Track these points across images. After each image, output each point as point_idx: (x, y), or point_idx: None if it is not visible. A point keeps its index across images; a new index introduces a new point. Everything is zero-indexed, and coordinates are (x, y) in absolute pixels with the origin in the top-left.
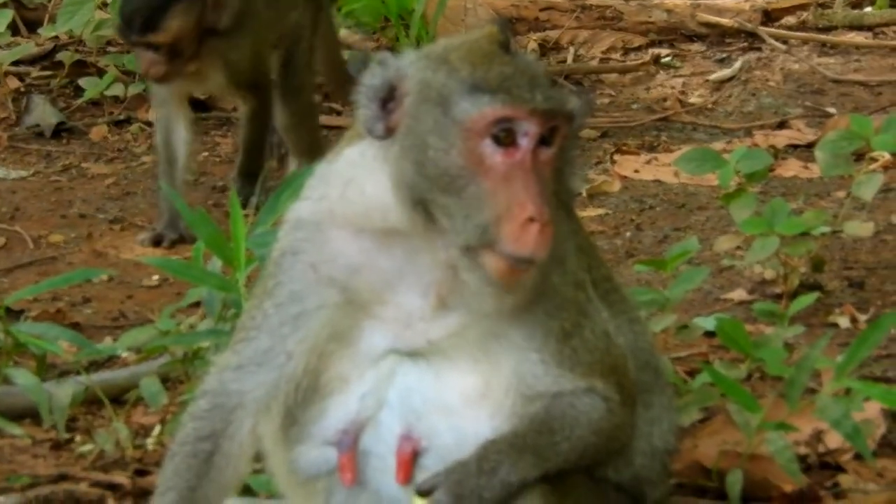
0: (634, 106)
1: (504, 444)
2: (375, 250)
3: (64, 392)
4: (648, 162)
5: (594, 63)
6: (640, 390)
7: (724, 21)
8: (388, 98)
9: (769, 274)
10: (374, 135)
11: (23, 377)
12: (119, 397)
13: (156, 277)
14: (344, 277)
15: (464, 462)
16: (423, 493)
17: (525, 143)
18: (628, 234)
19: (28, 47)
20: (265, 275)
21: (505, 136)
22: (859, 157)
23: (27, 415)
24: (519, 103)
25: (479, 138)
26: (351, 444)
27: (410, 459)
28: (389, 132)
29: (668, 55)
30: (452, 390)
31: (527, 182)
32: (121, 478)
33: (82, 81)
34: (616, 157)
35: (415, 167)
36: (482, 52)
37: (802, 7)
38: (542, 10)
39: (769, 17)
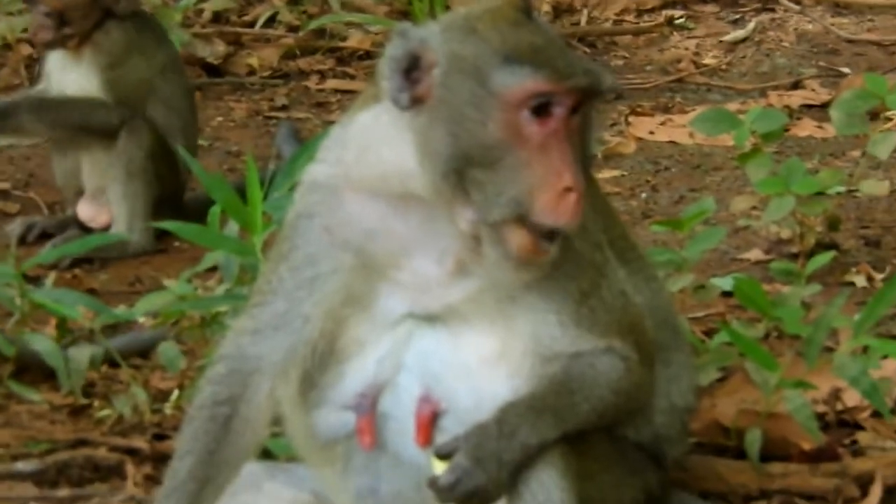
0: (648, 67)
1: (523, 406)
2: (391, 215)
3: (82, 356)
4: (663, 123)
5: (608, 25)
6: (658, 348)
7: None
8: (412, 69)
9: (785, 233)
10: (399, 105)
11: (41, 342)
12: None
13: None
14: (359, 241)
15: (483, 425)
16: (443, 456)
17: (560, 112)
18: (644, 195)
19: None
20: (280, 238)
21: (541, 108)
22: (874, 116)
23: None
24: (559, 78)
25: (516, 110)
26: (369, 407)
27: (430, 421)
28: (415, 102)
29: (681, 16)
30: (470, 352)
31: (562, 151)
32: (139, 442)
33: None
34: (631, 118)
35: (450, 138)
36: (508, 20)
37: None
38: None
39: None
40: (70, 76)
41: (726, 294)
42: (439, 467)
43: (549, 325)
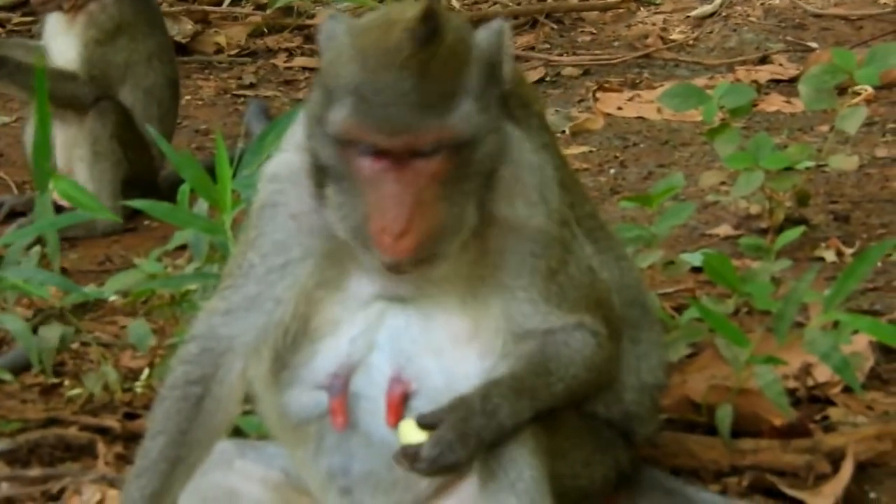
0: (616, 43)
1: (505, 386)
2: None
3: (51, 335)
4: (631, 99)
5: (574, 1)
6: (627, 326)
7: None
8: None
9: (754, 209)
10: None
11: (11, 322)
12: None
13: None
14: (326, 227)
15: (467, 401)
16: (425, 426)
17: (384, 158)
18: (612, 170)
19: None
20: (248, 225)
21: (367, 147)
22: (842, 91)
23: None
24: (364, 128)
25: (342, 145)
26: (342, 387)
27: (400, 402)
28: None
29: None
30: (441, 332)
31: (392, 193)
32: (110, 421)
33: None
34: (598, 94)
35: (307, 144)
36: (381, 46)
37: None
38: None
39: None
40: (60, 41)
41: (696, 270)
42: (409, 437)
43: (519, 302)
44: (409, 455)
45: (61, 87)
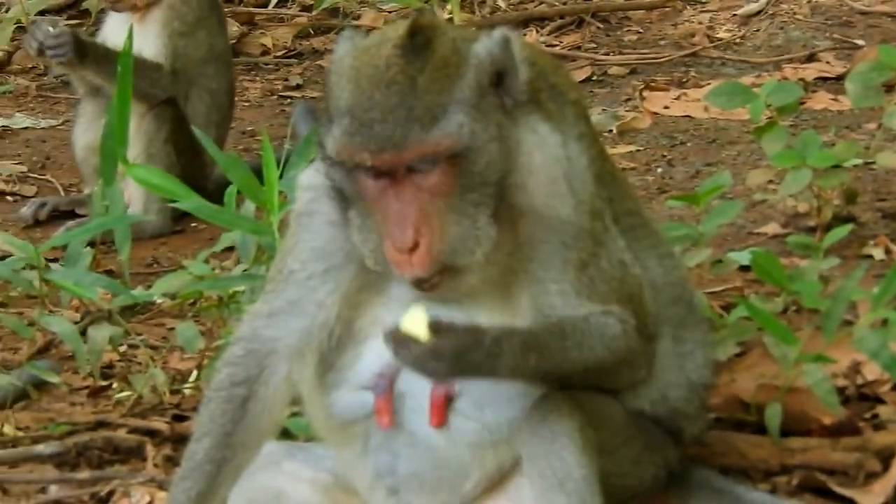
0: (662, 42)
1: (517, 340)
2: None
3: (100, 337)
4: (678, 98)
5: (621, 0)
6: (671, 324)
7: None
8: None
9: (802, 207)
10: None
11: (58, 324)
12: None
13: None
14: None
15: (479, 334)
16: (433, 330)
17: (382, 176)
18: (660, 169)
19: None
20: (287, 231)
21: (361, 168)
22: (889, 88)
23: None
24: (354, 148)
25: (342, 166)
26: (387, 387)
27: (444, 403)
28: None
29: None
30: None
31: (395, 210)
32: (159, 424)
33: None
34: (645, 93)
35: (324, 169)
36: (372, 64)
37: None
38: None
39: None
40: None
41: (744, 268)
42: (411, 326)
43: (549, 294)
44: (401, 341)
45: (143, 77)
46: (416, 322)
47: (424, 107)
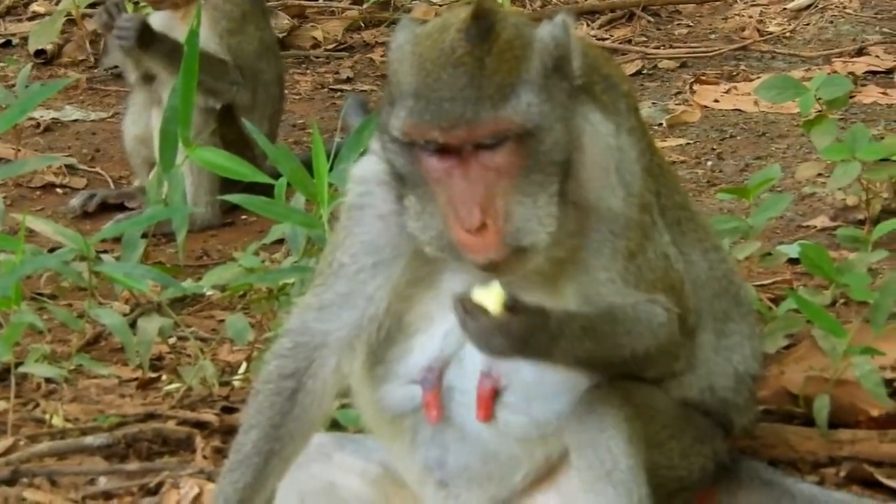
0: (712, 36)
1: (578, 323)
2: None
3: (150, 329)
4: (728, 91)
5: None
6: (715, 318)
7: None
8: None
9: (851, 200)
10: None
11: (107, 316)
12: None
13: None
14: None
15: (546, 316)
16: (507, 307)
17: (449, 155)
18: (709, 163)
19: None
20: (338, 225)
21: (430, 146)
22: None
23: None
24: (422, 126)
25: (407, 148)
26: (435, 381)
27: (491, 397)
28: None
29: None
30: None
31: (461, 190)
32: (208, 415)
33: None
34: (695, 87)
35: (382, 153)
36: (437, 48)
37: None
38: None
39: None
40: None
41: (793, 261)
42: (485, 299)
43: (598, 283)
44: (471, 312)
45: (209, 72)
46: (489, 296)
47: (495, 86)
